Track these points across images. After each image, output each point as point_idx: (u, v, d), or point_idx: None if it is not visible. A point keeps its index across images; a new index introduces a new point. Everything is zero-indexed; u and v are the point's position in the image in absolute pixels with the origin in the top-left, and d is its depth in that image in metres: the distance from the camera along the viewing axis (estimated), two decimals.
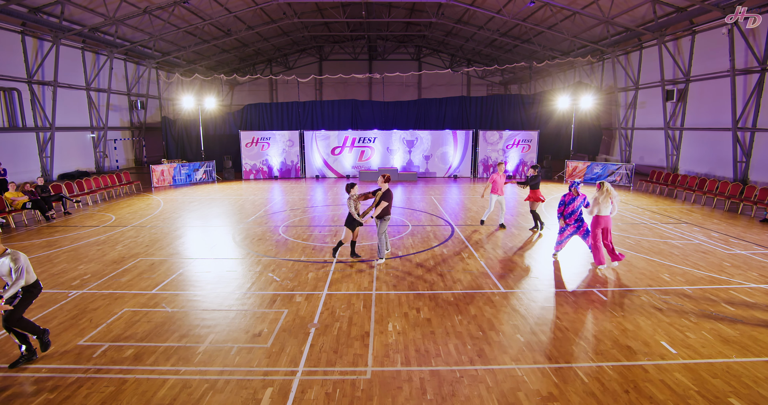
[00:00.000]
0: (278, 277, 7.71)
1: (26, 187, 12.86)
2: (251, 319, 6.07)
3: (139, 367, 4.94)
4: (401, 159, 21.90)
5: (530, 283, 7.43)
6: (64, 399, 4.37)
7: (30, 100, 18.23)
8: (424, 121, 24.43)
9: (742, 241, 9.96)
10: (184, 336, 5.62)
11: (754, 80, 14.92)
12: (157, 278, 7.70)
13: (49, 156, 18.98)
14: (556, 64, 27.08)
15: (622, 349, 5.26)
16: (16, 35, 17.46)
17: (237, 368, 4.89)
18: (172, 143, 23.86)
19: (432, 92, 37.01)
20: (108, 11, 18.45)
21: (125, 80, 25.05)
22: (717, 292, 6.97)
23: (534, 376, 4.71)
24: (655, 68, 19.98)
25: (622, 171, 18.72)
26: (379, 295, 6.92)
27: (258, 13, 23.66)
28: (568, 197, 8.32)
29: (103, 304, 6.59)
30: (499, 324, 5.91)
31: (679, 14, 16.82)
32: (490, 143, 21.50)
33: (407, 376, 4.75)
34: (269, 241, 10.05)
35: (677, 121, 19.24)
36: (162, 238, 10.45)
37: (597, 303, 6.57)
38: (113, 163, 24.15)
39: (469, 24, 26.54)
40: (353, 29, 31.18)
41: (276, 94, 38.14)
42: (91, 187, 15.85)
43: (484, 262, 8.55)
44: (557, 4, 19.06)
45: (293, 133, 21.83)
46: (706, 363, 4.96)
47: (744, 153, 15.47)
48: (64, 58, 19.63)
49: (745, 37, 14.58)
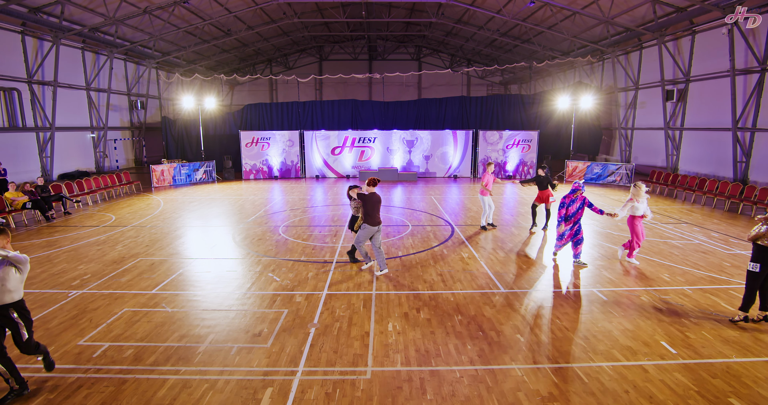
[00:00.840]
0: (278, 277, 7.71)
1: (26, 187, 12.86)
2: (251, 319, 6.07)
3: (139, 367, 4.94)
4: (401, 159, 21.90)
5: (530, 283, 7.43)
6: (64, 399, 4.37)
7: (30, 100, 18.22)
8: (424, 121, 24.42)
9: (742, 241, 9.96)
10: (184, 336, 5.62)
11: (754, 80, 14.92)
12: (157, 278, 7.70)
13: (49, 156, 18.97)
14: (556, 64, 27.08)
15: (622, 349, 5.26)
16: (16, 35, 17.46)
17: (237, 368, 4.89)
18: (172, 143, 23.86)
19: (432, 92, 36.98)
20: (108, 11, 18.44)
21: (125, 80, 25.04)
22: (717, 292, 6.97)
23: (534, 376, 4.70)
24: (655, 68, 19.97)
25: (622, 171, 18.72)
26: (379, 295, 6.92)
27: (258, 13, 23.65)
28: (567, 199, 8.06)
29: (103, 304, 6.59)
30: (499, 324, 5.91)
31: (679, 14, 16.81)
32: (490, 143, 21.50)
33: (407, 376, 4.75)
34: (269, 241, 10.05)
35: (677, 121, 19.23)
36: (162, 238, 10.45)
37: (597, 303, 6.57)
38: (113, 163, 24.14)
39: (469, 24, 26.53)
40: (353, 29, 31.17)
41: (276, 94, 38.12)
42: (91, 187, 15.84)
43: (484, 262, 8.55)
44: (557, 4, 19.05)
45: (293, 133, 21.83)
46: (706, 363, 4.96)
47: (744, 153, 15.47)
48: (64, 58, 19.62)
49: (745, 37, 14.57)
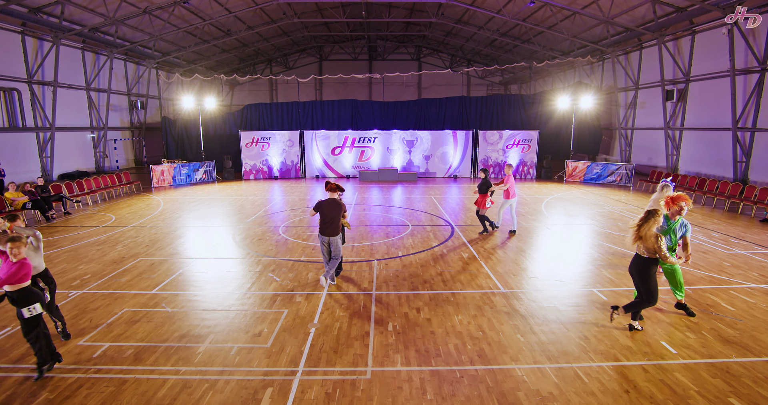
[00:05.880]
0: (278, 277, 7.71)
1: (26, 187, 12.86)
2: (251, 319, 6.07)
3: (139, 367, 4.94)
4: (401, 159, 21.89)
5: (530, 283, 7.43)
6: (64, 399, 4.37)
7: (30, 100, 18.23)
8: (424, 121, 24.41)
9: (742, 241, 9.96)
10: (184, 336, 5.62)
11: (754, 80, 14.92)
12: (157, 278, 7.70)
13: (49, 156, 18.98)
14: (556, 64, 27.08)
15: (622, 349, 5.26)
16: (16, 35, 17.46)
17: (237, 368, 4.89)
18: (172, 143, 23.85)
19: (432, 92, 36.98)
20: (108, 11, 18.45)
21: (125, 80, 25.05)
22: (717, 292, 6.97)
23: (534, 376, 4.70)
24: (655, 68, 19.97)
25: (622, 171, 18.72)
26: (379, 295, 6.92)
27: (258, 13, 23.66)
28: None
29: (103, 304, 6.59)
30: (499, 324, 5.91)
31: (679, 14, 16.81)
32: (490, 143, 21.50)
33: (407, 376, 4.74)
34: (269, 241, 10.05)
35: (677, 121, 19.23)
36: (162, 238, 10.45)
37: (597, 303, 6.57)
38: (113, 163, 24.15)
39: (469, 24, 26.54)
40: (353, 29, 31.17)
41: (276, 94, 38.12)
42: (91, 187, 15.84)
43: (484, 261, 8.55)
44: (557, 4, 19.05)
45: (293, 133, 21.83)
46: (706, 363, 4.96)
47: (744, 153, 15.47)
48: (64, 58, 19.63)
49: (745, 37, 14.57)
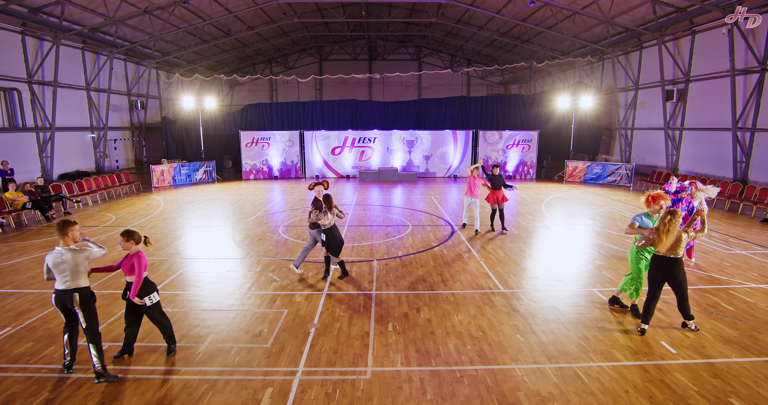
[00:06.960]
0: (278, 277, 7.71)
1: (26, 187, 12.85)
2: (251, 319, 6.07)
3: (139, 367, 4.94)
4: (401, 159, 21.90)
5: (530, 283, 7.43)
6: (64, 399, 4.37)
7: (30, 100, 18.22)
8: (424, 121, 24.42)
9: (742, 241, 9.96)
10: (184, 336, 5.62)
11: (754, 80, 14.92)
12: (157, 278, 7.69)
13: (49, 156, 18.98)
14: (556, 64, 27.07)
15: (622, 349, 5.26)
16: (16, 35, 17.46)
17: (237, 368, 4.89)
18: (172, 143, 23.86)
19: (432, 92, 36.97)
20: (108, 11, 18.44)
21: (125, 80, 25.05)
22: (717, 292, 6.97)
23: (534, 376, 4.70)
24: (655, 68, 19.98)
25: (622, 171, 18.72)
26: (379, 295, 6.92)
27: (258, 13, 23.65)
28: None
29: (103, 304, 6.59)
30: (499, 324, 5.91)
31: (679, 14, 16.82)
32: (490, 143, 21.50)
33: (407, 376, 4.74)
34: (269, 241, 10.05)
35: (677, 121, 19.23)
36: (162, 238, 10.45)
37: (597, 303, 6.57)
38: (113, 163, 24.14)
39: (469, 24, 26.53)
40: (353, 29, 31.17)
41: (276, 94, 38.12)
42: (91, 187, 15.84)
43: (484, 262, 8.55)
44: (557, 4, 19.05)
45: (293, 133, 21.83)
46: (706, 363, 4.96)
47: (744, 153, 15.47)
48: (64, 58, 19.62)
49: (745, 37, 14.58)
